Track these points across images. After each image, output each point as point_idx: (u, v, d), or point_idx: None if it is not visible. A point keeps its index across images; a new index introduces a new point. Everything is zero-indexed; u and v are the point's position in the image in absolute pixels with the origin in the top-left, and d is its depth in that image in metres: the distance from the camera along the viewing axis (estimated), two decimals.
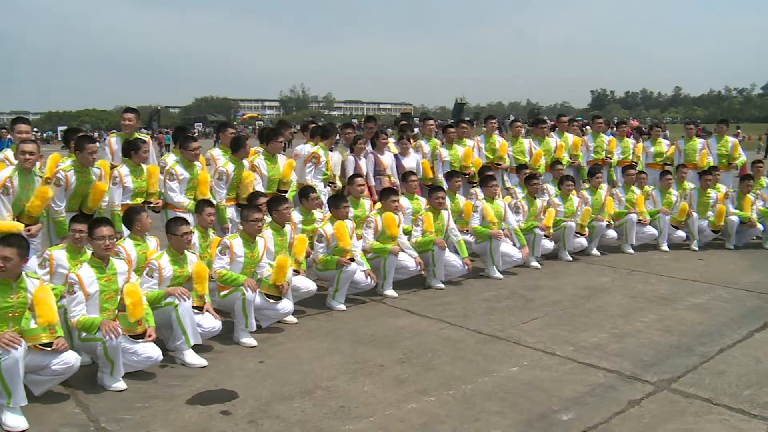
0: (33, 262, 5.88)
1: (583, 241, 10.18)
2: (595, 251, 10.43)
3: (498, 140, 11.38)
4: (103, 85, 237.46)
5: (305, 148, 9.24)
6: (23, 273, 5.14)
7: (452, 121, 21.13)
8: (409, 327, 6.94)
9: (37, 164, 6.81)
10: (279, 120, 11.76)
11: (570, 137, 11.98)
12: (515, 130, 11.86)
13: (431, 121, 12.04)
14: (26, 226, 6.63)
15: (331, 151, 9.49)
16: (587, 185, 10.90)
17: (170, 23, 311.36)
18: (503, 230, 9.17)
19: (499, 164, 11.17)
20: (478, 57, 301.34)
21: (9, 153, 7.08)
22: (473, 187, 10.35)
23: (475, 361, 5.90)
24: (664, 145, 12.97)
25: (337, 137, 11.06)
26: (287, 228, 7.40)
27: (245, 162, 8.19)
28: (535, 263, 9.59)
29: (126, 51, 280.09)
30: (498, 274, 8.99)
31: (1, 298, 4.94)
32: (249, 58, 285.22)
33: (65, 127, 45.19)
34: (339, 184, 9.19)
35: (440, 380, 5.46)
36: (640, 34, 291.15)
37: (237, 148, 8.11)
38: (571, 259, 10.06)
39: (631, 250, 10.61)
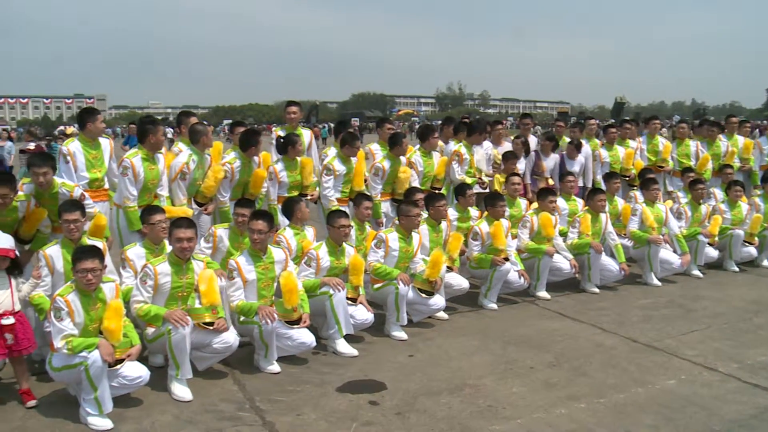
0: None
1: (752, 250, 9.53)
2: (766, 262, 9.74)
3: (661, 142, 10.91)
4: (265, 80, 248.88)
5: (450, 147, 9.27)
6: (192, 256, 5.63)
7: (611, 121, 20.40)
8: (561, 330, 6.86)
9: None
10: (446, 117, 11.77)
11: (740, 139, 11.26)
12: (681, 132, 11.30)
13: (593, 121, 11.70)
14: (202, 205, 7.18)
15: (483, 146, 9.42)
16: (759, 192, 10.20)
17: (329, 22, 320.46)
18: (663, 236, 8.80)
19: (662, 167, 10.71)
20: (638, 55, 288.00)
21: (182, 146, 7.53)
22: (633, 189, 9.99)
23: (629, 370, 5.74)
24: None
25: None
26: (443, 224, 7.51)
27: (402, 158, 8.34)
28: (696, 272, 9.13)
29: (287, 49, 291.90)
30: (656, 281, 8.65)
31: (174, 278, 5.43)
32: (406, 55, 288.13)
33: (230, 121, 47.83)
34: (486, 180, 9.11)
35: (591, 387, 5.37)
36: None
37: (394, 145, 8.27)
38: (737, 269, 9.46)
39: None
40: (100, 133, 6.79)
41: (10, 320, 4.94)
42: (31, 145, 10.43)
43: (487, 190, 8.96)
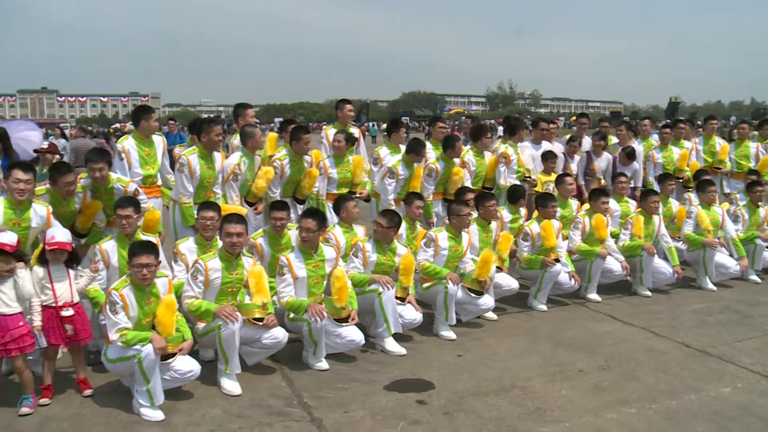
0: None
1: None
2: None
3: (719, 142, 10.65)
4: (316, 79, 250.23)
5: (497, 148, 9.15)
6: (242, 252, 5.71)
7: (665, 121, 19.96)
8: (612, 333, 6.75)
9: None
10: (506, 117, 11.66)
11: None
12: (741, 133, 11.00)
13: (647, 121, 11.45)
14: (252, 204, 7.26)
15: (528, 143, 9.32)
16: None
17: (380, 21, 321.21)
18: (719, 239, 8.59)
19: (719, 168, 10.46)
20: (694, 53, 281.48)
21: (238, 140, 7.68)
22: (688, 191, 9.77)
23: (682, 376, 5.62)
24: None
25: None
26: (493, 224, 7.47)
27: (455, 159, 8.27)
28: (754, 277, 8.88)
29: (338, 48, 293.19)
30: (711, 286, 8.45)
31: (225, 273, 5.52)
32: (457, 54, 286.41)
33: (281, 119, 48.38)
34: (534, 178, 8.99)
35: (642, 392, 5.28)
36: None
37: (447, 148, 8.20)
38: None
39: None
40: (154, 131, 6.92)
41: (69, 312, 5.09)
42: (45, 144, 10.61)
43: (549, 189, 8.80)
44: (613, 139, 10.38)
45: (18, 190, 5.44)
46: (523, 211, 8.11)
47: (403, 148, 8.22)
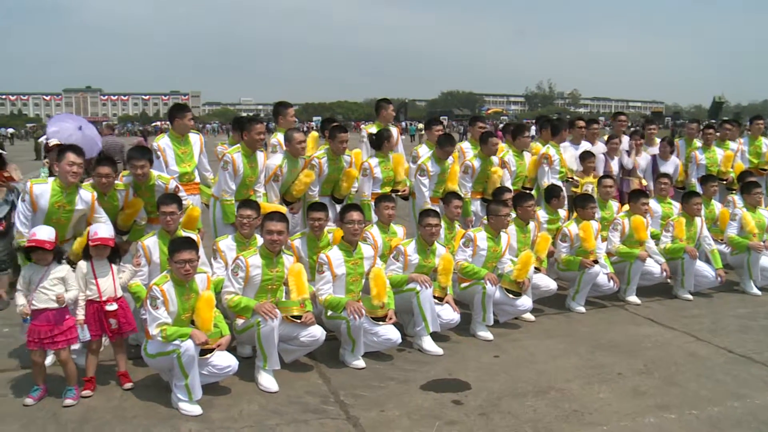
0: None
1: None
2: None
3: (765, 143, 10.40)
4: (354, 78, 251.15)
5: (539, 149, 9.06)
6: (282, 250, 5.74)
7: (708, 121, 19.56)
8: (652, 337, 6.65)
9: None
10: (545, 116, 11.57)
11: None
12: None
13: (694, 125, 11.17)
14: (289, 205, 7.29)
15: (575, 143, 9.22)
16: None
17: (418, 21, 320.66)
18: (765, 242, 8.40)
19: (765, 169, 10.22)
20: (739, 51, 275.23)
21: (280, 137, 7.66)
22: (731, 193, 9.57)
23: (724, 382, 5.51)
24: None
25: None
26: (531, 225, 7.41)
27: (494, 157, 8.24)
28: None
29: (376, 47, 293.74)
30: (755, 290, 8.27)
31: (265, 270, 5.56)
32: (495, 54, 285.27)
33: (320, 118, 48.56)
34: (577, 178, 8.89)
35: (683, 397, 5.19)
36: None
37: (482, 143, 8.19)
38: None
39: None
40: (188, 130, 7.00)
41: (113, 306, 5.19)
42: (52, 141, 10.81)
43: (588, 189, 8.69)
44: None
45: (71, 172, 5.57)
46: (563, 212, 8.03)
47: None
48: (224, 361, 5.14)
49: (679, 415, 4.89)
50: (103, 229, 5.36)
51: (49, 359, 5.35)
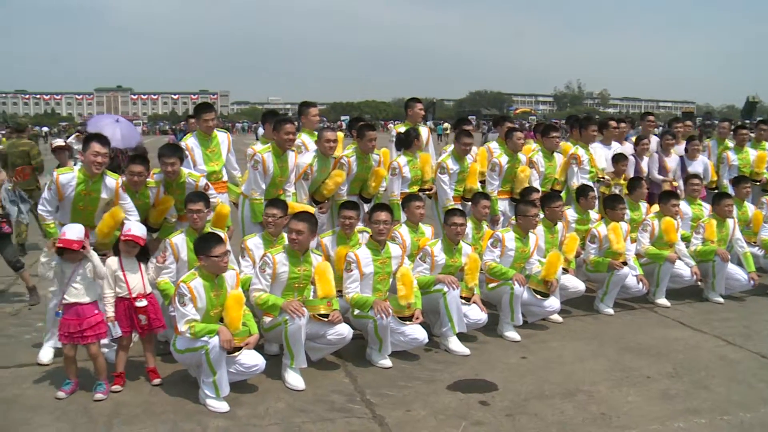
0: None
1: None
2: None
3: None
4: (382, 78, 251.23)
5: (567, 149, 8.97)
6: (309, 248, 5.75)
7: (741, 121, 19.23)
8: (681, 340, 6.57)
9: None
10: (575, 116, 11.45)
11: None
12: None
13: (725, 123, 11.03)
14: (318, 204, 7.32)
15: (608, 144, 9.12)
16: None
17: (446, 21, 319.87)
18: None
19: None
20: None
21: (305, 137, 7.70)
22: (766, 195, 9.41)
23: (757, 388, 5.42)
24: None
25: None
26: (559, 225, 7.35)
27: (522, 156, 8.22)
28: None
29: (404, 47, 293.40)
30: None
31: (291, 268, 5.58)
32: (524, 53, 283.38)
33: (347, 117, 48.67)
34: (608, 178, 8.78)
35: (714, 402, 5.11)
36: None
37: (506, 139, 8.17)
38: None
39: None
40: (212, 129, 7.08)
41: (143, 302, 5.26)
42: (60, 142, 11.19)
43: (616, 190, 8.60)
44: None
45: (96, 163, 5.70)
46: (594, 214, 7.94)
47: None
48: (251, 359, 5.16)
49: (710, 420, 4.82)
50: (136, 227, 5.45)
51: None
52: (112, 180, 5.88)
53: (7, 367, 5.22)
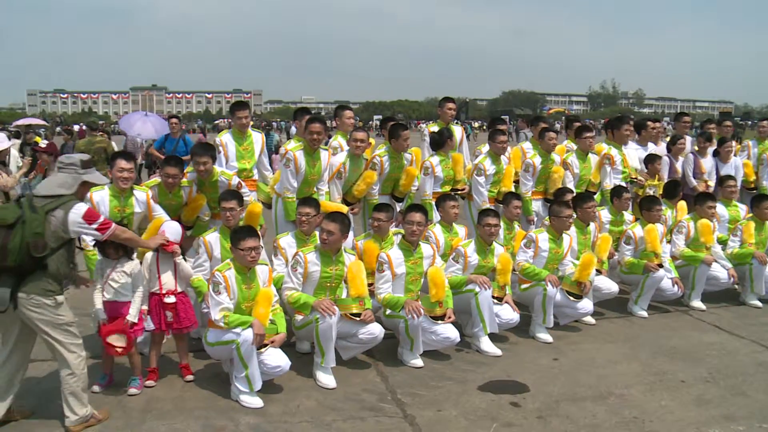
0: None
1: None
2: None
3: None
4: (414, 77, 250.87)
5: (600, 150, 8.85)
6: (342, 248, 5.76)
7: None
8: (717, 344, 6.46)
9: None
10: (619, 116, 11.30)
11: None
12: None
13: (765, 122, 10.82)
14: (350, 205, 7.33)
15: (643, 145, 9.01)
16: None
17: (479, 20, 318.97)
18: None
19: None
20: None
21: (341, 139, 7.72)
22: None
23: None
24: None
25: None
26: (591, 226, 7.28)
27: (556, 157, 8.15)
28: None
29: (437, 46, 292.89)
30: None
31: (323, 267, 5.60)
32: (558, 53, 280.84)
33: (380, 116, 48.63)
34: (641, 179, 8.66)
35: (751, 409, 5.02)
36: None
37: (539, 138, 8.14)
38: None
39: None
40: (246, 126, 7.14)
41: (171, 299, 5.32)
42: (44, 143, 11.41)
43: (650, 191, 8.49)
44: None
45: (122, 178, 5.76)
46: (629, 216, 7.85)
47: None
48: (276, 360, 5.16)
49: (748, 427, 4.73)
50: (170, 229, 5.49)
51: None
52: (142, 193, 5.94)
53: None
